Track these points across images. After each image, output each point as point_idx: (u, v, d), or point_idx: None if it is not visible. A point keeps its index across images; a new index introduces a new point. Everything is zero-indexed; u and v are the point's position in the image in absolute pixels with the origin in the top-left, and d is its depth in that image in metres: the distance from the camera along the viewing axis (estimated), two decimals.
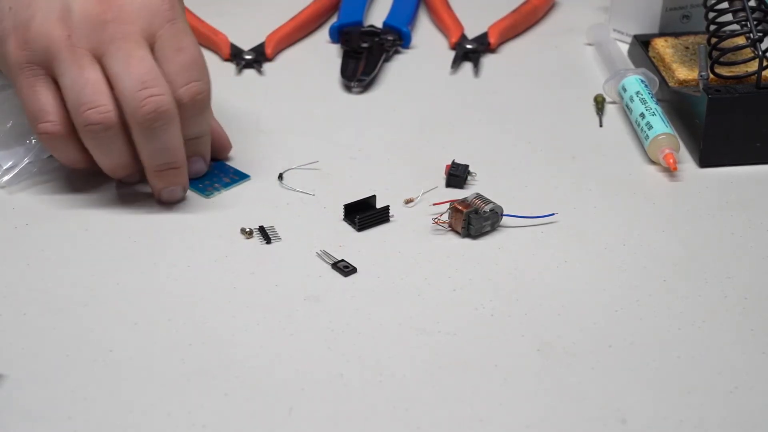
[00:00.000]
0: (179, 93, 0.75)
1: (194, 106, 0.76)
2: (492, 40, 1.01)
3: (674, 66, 0.91)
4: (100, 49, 0.74)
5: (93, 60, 0.74)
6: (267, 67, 0.98)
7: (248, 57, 0.98)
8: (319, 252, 0.75)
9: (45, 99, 0.75)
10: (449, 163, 0.83)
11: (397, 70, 0.98)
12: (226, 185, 0.80)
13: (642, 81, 0.90)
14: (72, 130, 0.75)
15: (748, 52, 0.88)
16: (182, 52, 0.76)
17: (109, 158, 0.77)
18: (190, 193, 0.80)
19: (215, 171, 0.82)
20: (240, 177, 0.81)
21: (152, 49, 0.75)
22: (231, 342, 0.68)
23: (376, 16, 1.05)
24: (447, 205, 0.77)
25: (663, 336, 0.69)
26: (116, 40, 0.74)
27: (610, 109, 0.92)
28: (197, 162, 0.80)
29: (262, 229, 0.77)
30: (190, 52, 0.76)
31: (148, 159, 0.76)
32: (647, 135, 0.85)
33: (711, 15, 0.89)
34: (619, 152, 0.87)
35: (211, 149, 0.81)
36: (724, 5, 0.88)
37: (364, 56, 0.97)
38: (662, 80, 0.91)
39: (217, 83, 0.80)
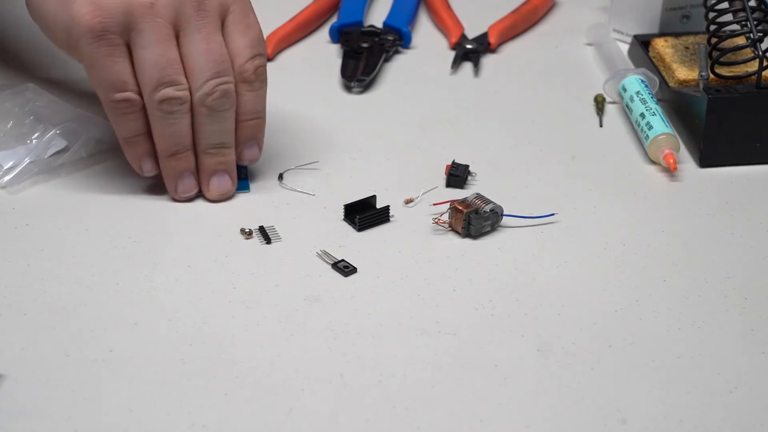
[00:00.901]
0: (246, 66, 0.77)
1: (258, 79, 0.78)
2: (492, 40, 1.01)
3: (674, 66, 0.91)
4: (180, 24, 0.76)
5: (172, 34, 0.76)
6: (267, 67, 0.97)
7: None
8: (319, 252, 0.75)
9: (124, 68, 0.75)
10: (449, 163, 0.83)
11: (397, 70, 0.98)
12: None
13: (642, 81, 0.90)
14: (142, 102, 0.76)
15: (748, 52, 0.88)
16: (251, 28, 0.78)
17: (172, 137, 0.77)
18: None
19: None
20: (240, 188, 0.81)
21: (222, 23, 0.77)
22: (231, 342, 0.68)
23: (376, 16, 1.05)
24: (447, 205, 0.77)
25: (663, 336, 0.69)
26: (196, 19, 0.76)
27: (610, 109, 0.92)
28: (252, 147, 0.80)
29: (262, 229, 0.77)
30: (257, 27, 0.79)
31: (205, 138, 0.78)
32: (647, 135, 0.85)
33: (711, 15, 0.89)
34: (619, 152, 0.87)
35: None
36: (724, 5, 0.89)
37: (364, 56, 0.97)
38: (662, 80, 0.91)
39: None
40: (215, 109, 0.77)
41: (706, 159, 0.85)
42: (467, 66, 0.99)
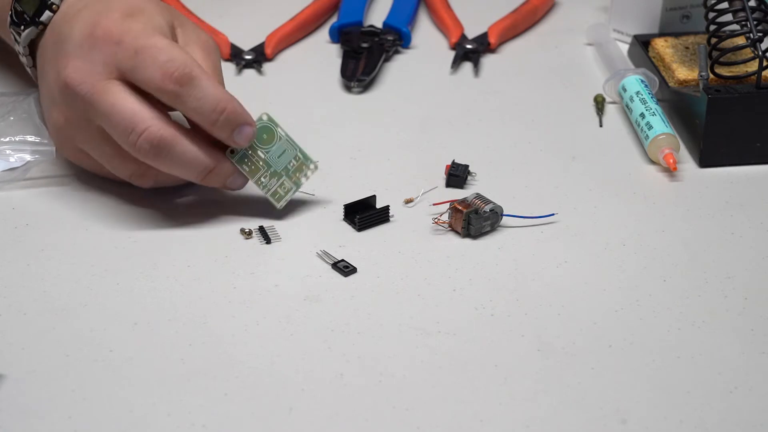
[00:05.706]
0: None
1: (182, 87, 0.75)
2: (492, 40, 1.01)
3: (674, 66, 0.91)
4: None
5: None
6: (267, 67, 0.98)
7: (248, 57, 0.98)
8: (319, 252, 0.75)
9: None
10: (449, 163, 0.83)
11: (397, 70, 0.98)
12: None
13: (642, 81, 0.90)
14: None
15: (748, 52, 0.88)
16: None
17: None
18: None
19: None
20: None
21: None
22: (231, 342, 0.68)
23: (376, 16, 1.05)
24: (447, 205, 0.78)
25: (663, 336, 0.69)
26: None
27: (610, 109, 0.92)
28: (240, 131, 0.77)
29: (262, 229, 0.77)
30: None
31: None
32: (647, 135, 0.85)
33: (711, 15, 0.89)
34: (619, 152, 0.87)
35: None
36: (724, 5, 0.89)
37: (364, 56, 0.97)
38: (662, 80, 0.91)
39: None
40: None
41: (706, 159, 0.85)
42: (467, 66, 0.99)
